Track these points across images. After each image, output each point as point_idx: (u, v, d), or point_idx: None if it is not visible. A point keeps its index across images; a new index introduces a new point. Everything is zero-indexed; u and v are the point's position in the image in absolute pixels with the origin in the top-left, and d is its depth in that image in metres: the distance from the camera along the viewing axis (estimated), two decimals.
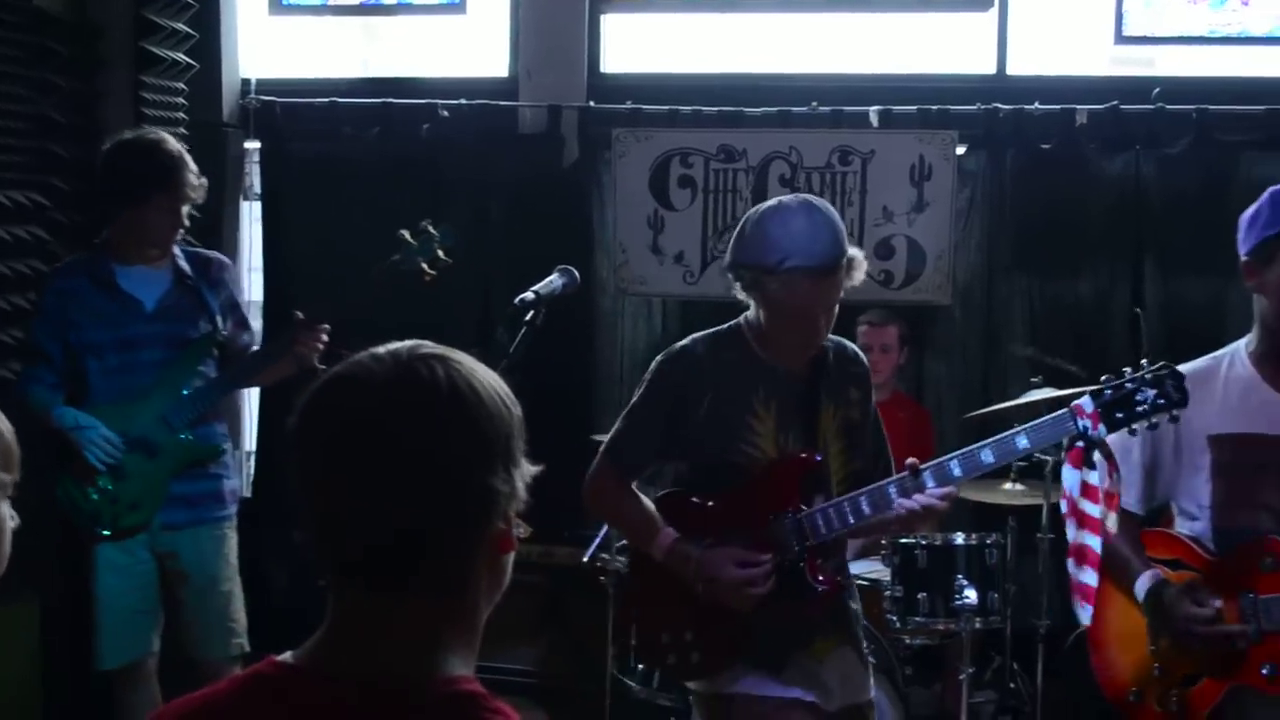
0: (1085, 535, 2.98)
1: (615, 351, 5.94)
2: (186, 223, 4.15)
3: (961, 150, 5.52)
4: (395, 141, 5.95)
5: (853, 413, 3.22)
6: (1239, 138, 5.37)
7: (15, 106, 4.86)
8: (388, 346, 1.50)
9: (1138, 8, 5.61)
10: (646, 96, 5.83)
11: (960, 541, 4.51)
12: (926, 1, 5.96)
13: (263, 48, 6.28)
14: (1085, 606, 3.16)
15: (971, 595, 4.46)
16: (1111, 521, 2.97)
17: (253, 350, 4.34)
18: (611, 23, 6.11)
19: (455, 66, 6.29)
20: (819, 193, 5.44)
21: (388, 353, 1.48)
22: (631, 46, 6.17)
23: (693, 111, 5.75)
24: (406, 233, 4.10)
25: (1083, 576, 3.22)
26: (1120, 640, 3.20)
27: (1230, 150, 5.38)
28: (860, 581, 4.13)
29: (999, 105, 5.49)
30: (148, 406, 4.06)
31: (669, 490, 3.31)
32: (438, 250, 4.10)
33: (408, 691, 1.42)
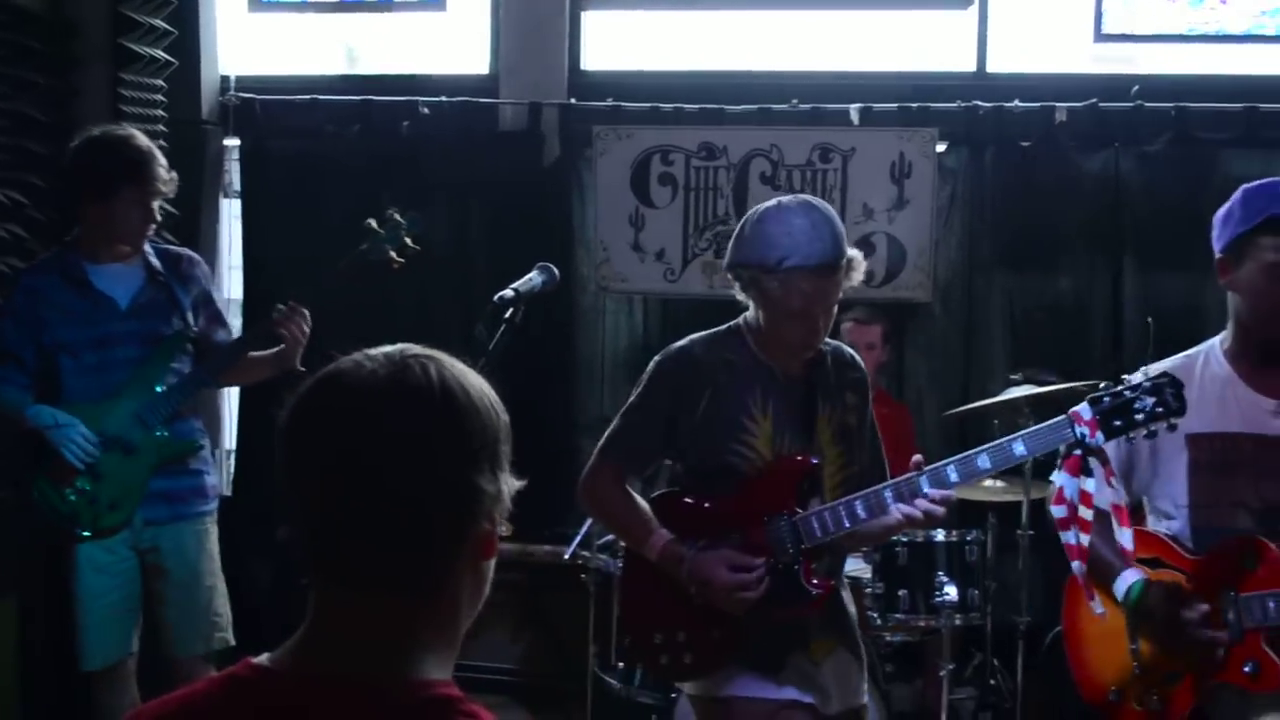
0: (1086, 538, 2.98)
1: (596, 349, 5.94)
2: (158, 218, 4.13)
3: (942, 148, 5.53)
4: (375, 139, 5.93)
5: (849, 417, 3.22)
6: (1217, 135, 5.39)
7: None
8: (377, 349, 1.51)
9: (1117, 6, 5.62)
10: (627, 94, 5.83)
11: (940, 538, 4.52)
12: None
13: (242, 45, 6.26)
14: (1093, 599, 3.14)
15: (952, 592, 4.48)
16: (1126, 538, 2.95)
17: (228, 343, 4.31)
18: (592, 20, 6.10)
19: (436, 64, 6.27)
20: (799, 190, 5.44)
21: (379, 354, 1.49)
22: (612, 44, 6.16)
23: (673, 109, 5.75)
24: (373, 221, 4.09)
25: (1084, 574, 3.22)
26: (1098, 639, 3.20)
27: (1209, 148, 5.40)
28: None
29: (979, 103, 5.50)
30: (122, 405, 4.03)
31: (664, 491, 3.30)
32: (405, 238, 4.09)
33: (384, 694, 1.42)
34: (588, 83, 5.99)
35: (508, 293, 3.19)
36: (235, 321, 5.82)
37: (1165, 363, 3.20)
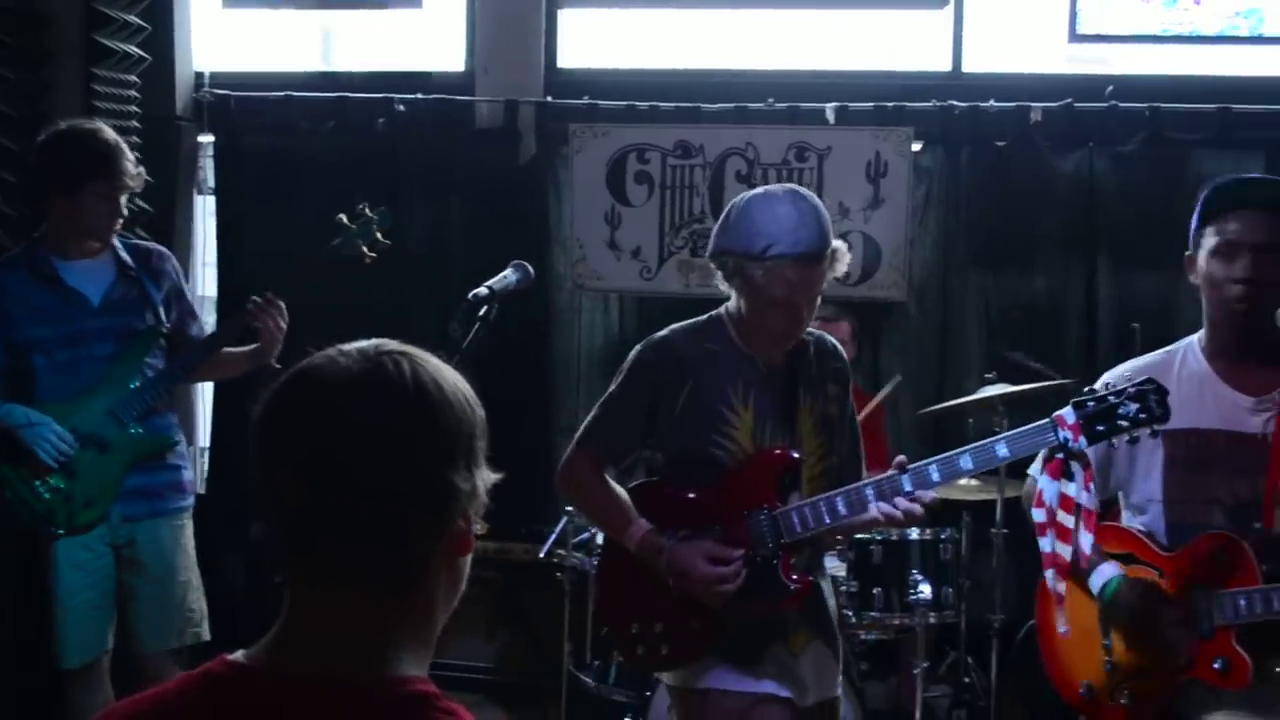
0: (1062, 546, 2.99)
1: (572, 347, 5.93)
2: (124, 213, 4.10)
3: (917, 147, 5.53)
4: (351, 136, 5.91)
5: (830, 408, 3.22)
6: (1191, 136, 5.41)
7: None
8: (352, 344, 1.50)
9: (1091, 6, 5.64)
10: (603, 92, 5.82)
11: (915, 536, 4.53)
12: None
13: (217, 40, 6.23)
14: (1062, 612, 3.18)
15: (926, 590, 4.49)
16: (1086, 543, 2.97)
17: (202, 338, 4.29)
18: (568, 18, 6.09)
19: (412, 61, 6.25)
20: None
21: (353, 349, 1.49)
22: (588, 42, 6.15)
23: (650, 107, 5.75)
24: (344, 216, 4.09)
25: (1060, 588, 3.24)
26: (1072, 634, 3.21)
27: (1182, 148, 5.42)
28: None
29: (954, 102, 5.51)
30: (95, 402, 4.01)
31: (643, 481, 3.30)
32: (376, 232, 4.09)
33: (360, 691, 1.41)
34: (564, 81, 5.98)
35: (482, 290, 3.19)
36: (210, 318, 5.80)
37: (1144, 359, 3.22)
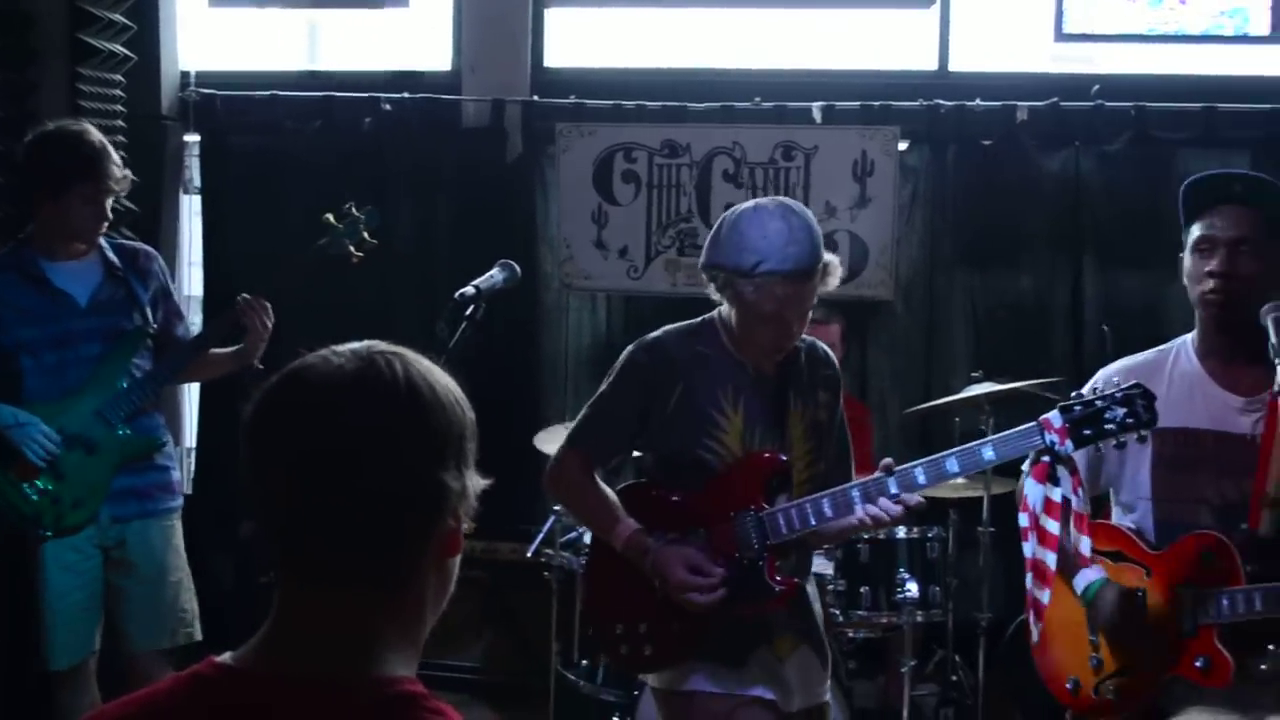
0: (1044, 552, 3.00)
1: (559, 346, 5.93)
2: (110, 215, 4.09)
3: (904, 146, 5.54)
4: (337, 135, 5.90)
5: (820, 415, 3.22)
6: (1176, 135, 5.42)
7: None
8: (344, 345, 1.51)
9: (1077, 5, 5.65)
10: (590, 91, 5.82)
11: (901, 535, 4.54)
12: None
13: (202, 40, 6.21)
14: (1039, 624, 3.21)
15: (913, 588, 4.50)
16: (1085, 546, 2.98)
17: (189, 339, 4.28)
18: (555, 17, 6.09)
19: (398, 60, 6.25)
20: (761, 188, 5.46)
21: (345, 349, 1.49)
22: (575, 41, 6.15)
23: (636, 106, 5.75)
24: (331, 216, 4.08)
25: (1040, 595, 3.26)
26: (1060, 629, 3.22)
27: (1168, 147, 5.43)
28: None
29: (941, 101, 5.52)
30: (83, 403, 4.00)
31: (632, 482, 3.31)
32: (364, 232, 4.09)
33: (348, 691, 1.41)
34: (551, 80, 5.98)
35: (469, 290, 3.19)
36: (196, 318, 5.79)
37: (1137, 357, 3.23)
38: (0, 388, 3.99)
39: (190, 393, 6.00)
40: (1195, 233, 3.07)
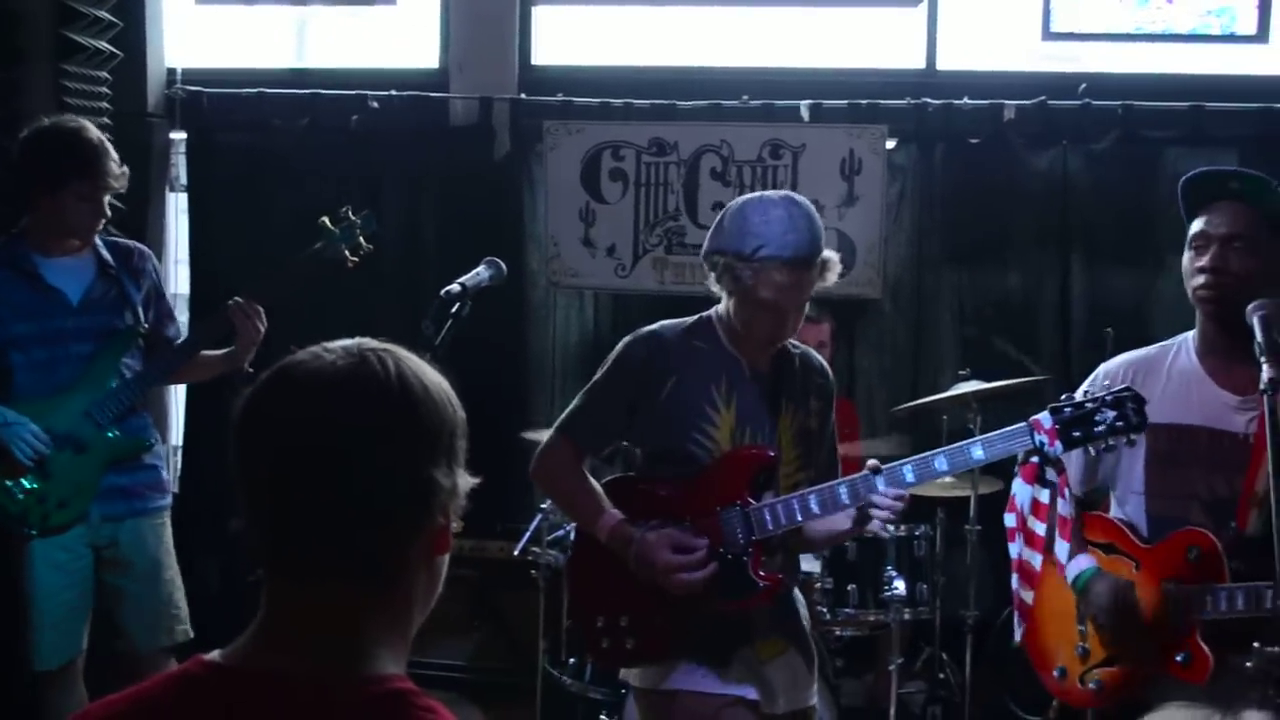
0: (1031, 553, 3.00)
1: (547, 344, 5.93)
2: (108, 213, 4.08)
3: (891, 144, 5.55)
4: (324, 133, 5.89)
5: (811, 421, 3.22)
6: (1164, 134, 5.44)
7: None
8: (335, 342, 1.51)
9: (1064, 4, 5.66)
10: (578, 89, 5.81)
11: (889, 533, 4.54)
12: None
13: (189, 37, 6.20)
14: (1022, 624, 3.23)
15: (900, 586, 4.51)
16: (1062, 551, 2.98)
17: (180, 340, 4.26)
18: (542, 15, 6.09)
19: (385, 58, 6.24)
20: (749, 186, 5.46)
21: (337, 347, 1.50)
22: (563, 39, 6.14)
23: (624, 104, 5.74)
24: (327, 219, 4.08)
25: (1025, 595, 3.28)
26: (1051, 617, 3.26)
27: (1155, 146, 5.45)
28: None
29: (928, 100, 5.53)
30: (72, 401, 3.98)
31: (619, 475, 3.31)
32: (360, 237, 4.08)
33: (338, 689, 1.41)
34: (538, 78, 5.97)
35: (455, 287, 3.18)
36: (182, 316, 5.76)
37: (1139, 352, 3.23)
38: None
39: (177, 392, 5.98)
40: (1192, 229, 3.08)
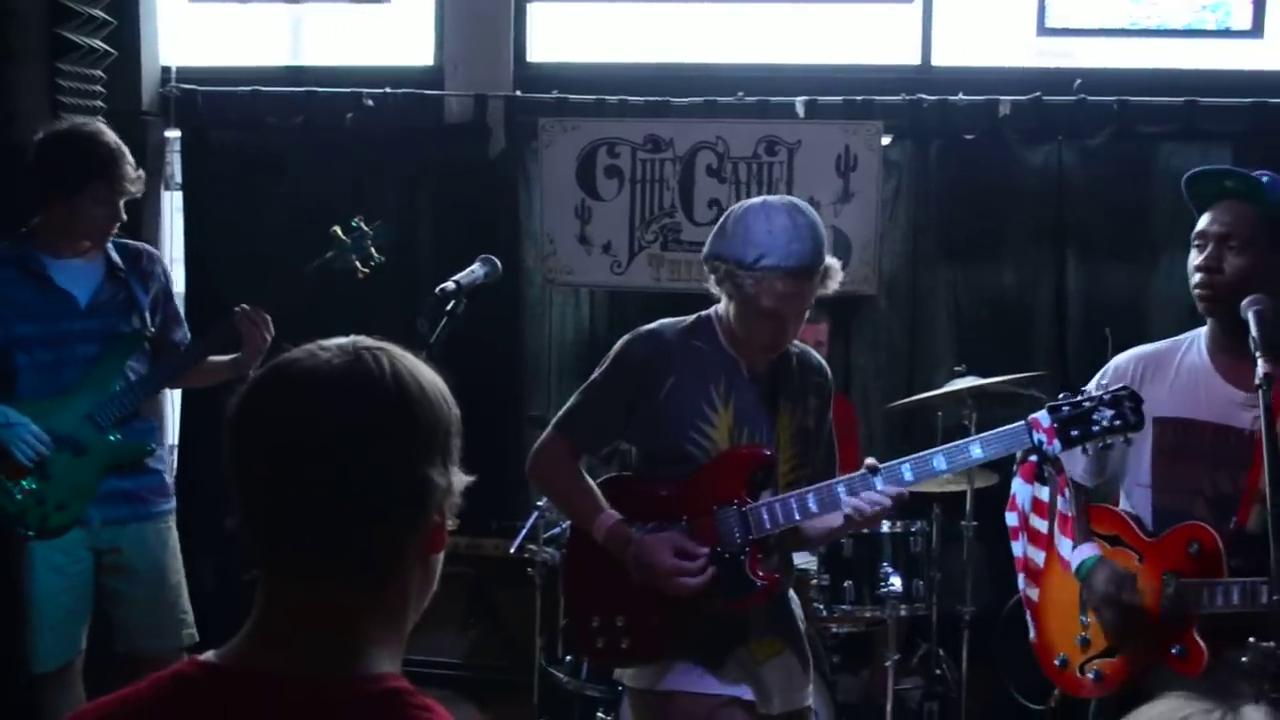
0: (1034, 551, 2.99)
1: (543, 342, 5.93)
2: (123, 216, 4.04)
3: (887, 141, 5.55)
4: (319, 131, 5.89)
5: (809, 420, 3.22)
6: (1159, 129, 5.44)
7: None
8: (330, 340, 1.50)
9: (1059, 0, 5.67)
10: (573, 86, 5.81)
11: (885, 529, 4.54)
12: None
13: (183, 35, 6.19)
14: (1034, 623, 3.23)
15: (896, 582, 4.50)
16: (1064, 547, 2.98)
17: (185, 345, 4.23)
18: (537, 12, 6.08)
19: (380, 56, 6.23)
20: (745, 183, 5.46)
21: (332, 345, 1.49)
22: (558, 36, 6.14)
23: (619, 101, 5.74)
24: (339, 229, 4.06)
25: (1032, 593, 3.28)
26: (1055, 607, 3.27)
27: (1150, 141, 5.45)
28: None
29: (924, 96, 5.53)
30: (75, 404, 3.95)
31: (615, 474, 3.30)
32: (371, 247, 4.07)
33: (334, 688, 1.41)
34: (533, 75, 5.97)
35: (449, 285, 3.18)
36: None
37: (1150, 346, 3.23)
38: None
39: (173, 392, 5.97)
40: (1196, 227, 3.08)
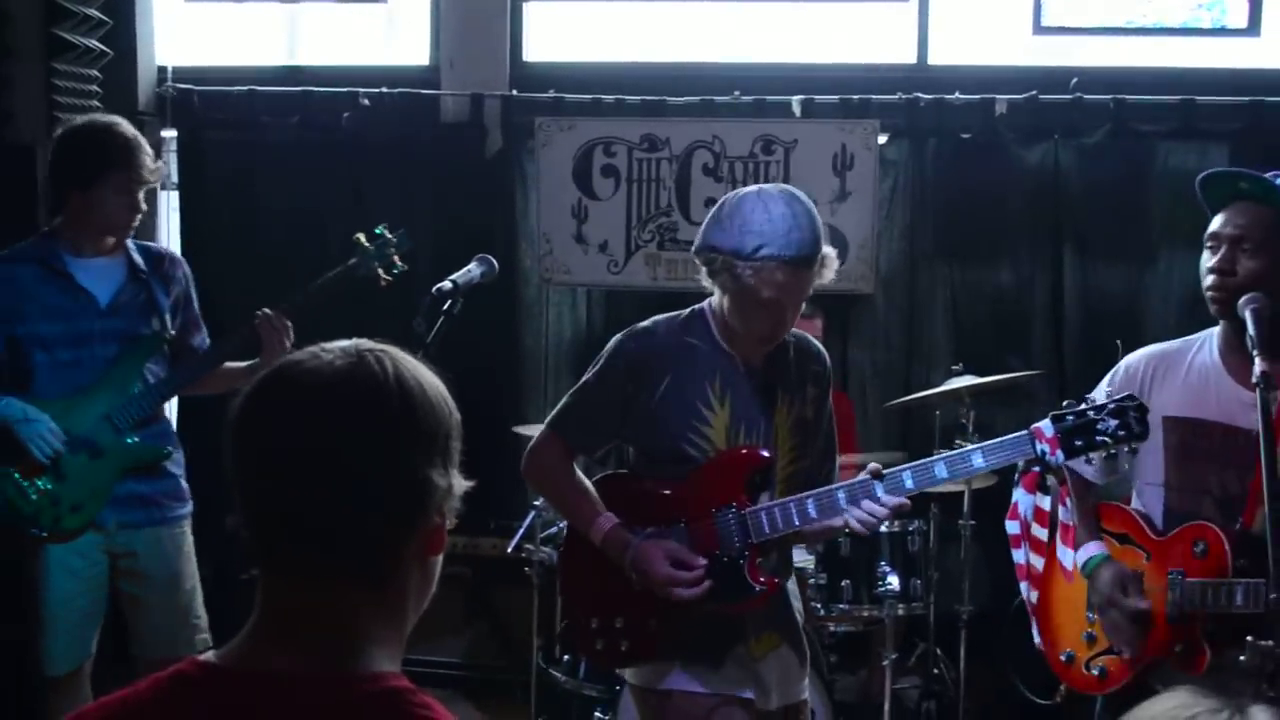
0: (1036, 558, 2.99)
1: (539, 341, 5.92)
2: (144, 207, 4.02)
3: (883, 139, 5.54)
4: (316, 131, 5.88)
5: (807, 411, 3.18)
6: (1155, 128, 5.44)
7: None
8: (332, 343, 1.51)
9: None
10: (569, 85, 5.81)
11: (883, 528, 4.53)
12: None
13: (179, 35, 6.18)
14: (1037, 622, 3.23)
15: (894, 582, 4.50)
16: (1067, 559, 2.97)
17: (205, 350, 4.19)
18: (533, 11, 6.08)
19: (376, 55, 6.23)
20: (742, 181, 5.45)
21: (334, 347, 1.50)
22: (554, 35, 6.14)
23: (615, 100, 5.74)
24: (363, 237, 4.04)
25: (1034, 598, 3.29)
26: (1061, 603, 3.28)
27: (1147, 140, 5.45)
28: None
29: (920, 95, 5.52)
30: (93, 405, 3.92)
31: (610, 472, 3.28)
32: (394, 256, 4.05)
33: (334, 687, 1.41)
34: (529, 74, 5.96)
35: (446, 285, 3.18)
36: None
37: (1163, 345, 3.22)
38: (10, 381, 3.92)
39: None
40: (1209, 228, 3.06)
